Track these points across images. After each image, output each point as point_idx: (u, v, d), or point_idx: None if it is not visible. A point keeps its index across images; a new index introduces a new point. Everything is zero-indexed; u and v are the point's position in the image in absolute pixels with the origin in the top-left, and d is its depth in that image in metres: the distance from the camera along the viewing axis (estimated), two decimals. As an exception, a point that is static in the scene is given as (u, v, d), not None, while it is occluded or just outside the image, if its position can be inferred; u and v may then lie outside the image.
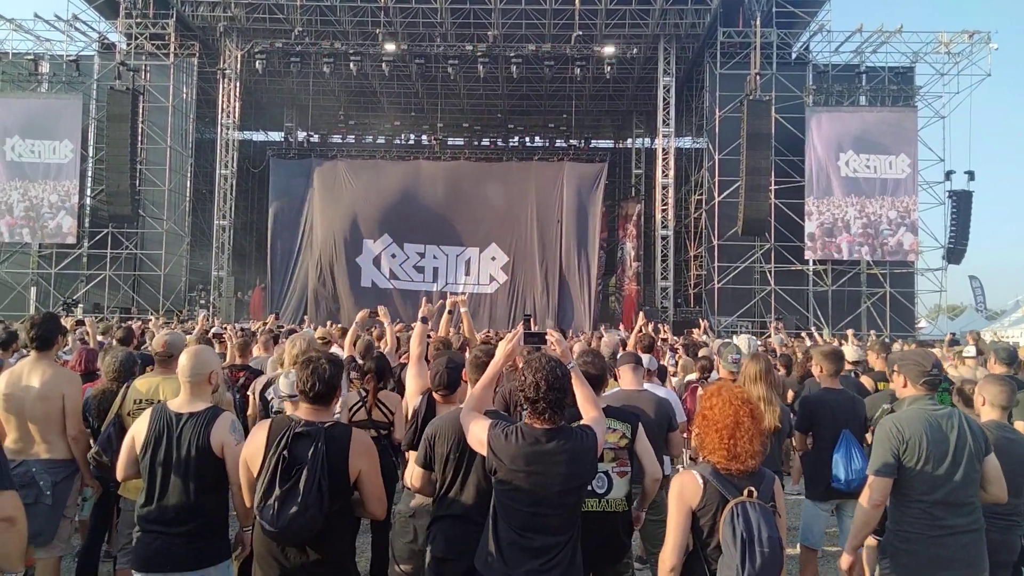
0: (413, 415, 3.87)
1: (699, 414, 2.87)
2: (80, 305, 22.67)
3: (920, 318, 25.02)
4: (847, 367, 6.21)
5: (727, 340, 7.38)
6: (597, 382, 3.62)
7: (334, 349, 6.62)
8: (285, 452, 2.78)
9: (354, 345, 6.19)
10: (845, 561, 3.43)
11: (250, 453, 2.93)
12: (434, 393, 3.80)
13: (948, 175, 23.84)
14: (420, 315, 4.59)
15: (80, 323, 10.04)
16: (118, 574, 4.21)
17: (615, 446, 3.49)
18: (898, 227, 22.61)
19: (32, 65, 23.82)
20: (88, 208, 24.58)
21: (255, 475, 2.87)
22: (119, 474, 3.37)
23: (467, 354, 4.00)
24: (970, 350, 6.11)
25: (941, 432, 3.20)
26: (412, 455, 3.76)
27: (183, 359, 3.38)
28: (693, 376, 6.94)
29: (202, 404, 3.30)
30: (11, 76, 24.14)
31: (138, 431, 3.28)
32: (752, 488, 2.67)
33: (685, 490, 2.75)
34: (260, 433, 2.94)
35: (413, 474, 3.39)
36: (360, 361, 5.05)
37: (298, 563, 2.85)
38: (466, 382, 3.66)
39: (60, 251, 23.78)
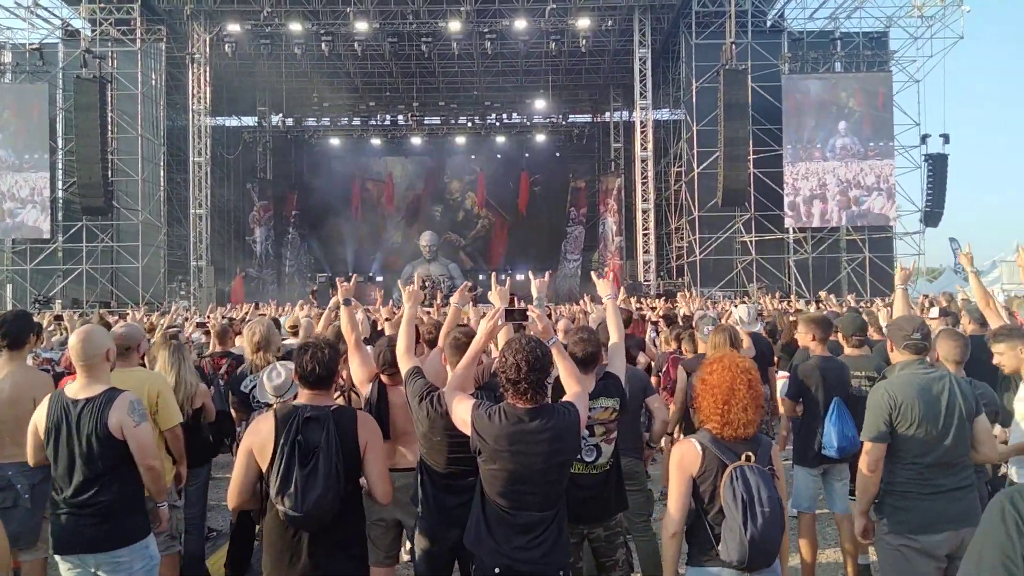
0: (366, 403, 3.82)
1: (699, 378, 2.92)
2: (59, 301, 22.35)
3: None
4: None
5: (704, 312, 7.41)
6: (592, 359, 3.61)
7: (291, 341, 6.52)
8: (299, 438, 2.79)
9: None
10: (859, 526, 3.48)
11: (257, 443, 2.89)
12: (382, 375, 3.76)
13: (923, 139, 24.03)
14: (341, 298, 4.11)
15: (59, 319, 9.86)
16: None
17: (606, 421, 3.54)
18: (875, 192, 22.80)
19: (-7, 55, 23.24)
20: (60, 201, 24.14)
21: (266, 465, 2.86)
22: (30, 461, 3.38)
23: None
24: (933, 311, 6.17)
25: (932, 395, 3.26)
26: None
27: (73, 341, 3.30)
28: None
29: (99, 387, 3.24)
30: (-28, 67, 23.58)
31: (38, 419, 3.27)
32: (750, 453, 2.73)
33: (684, 458, 2.82)
34: (266, 423, 2.93)
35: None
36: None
37: (313, 548, 2.87)
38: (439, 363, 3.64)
39: (34, 247, 23.36)
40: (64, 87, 23.41)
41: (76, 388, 3.24)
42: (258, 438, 2.91)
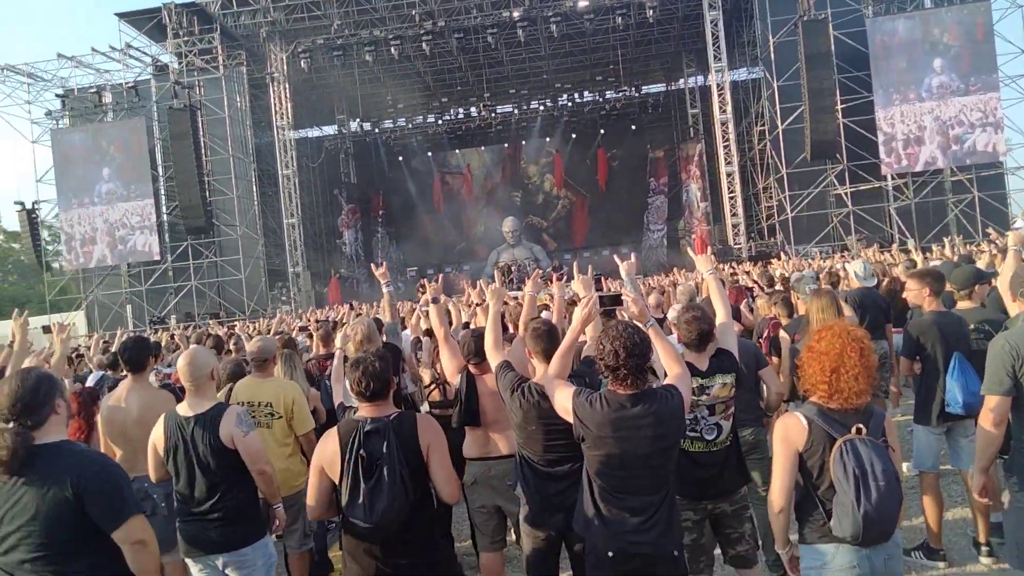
0: (456, 394, 3.94)
1: (806, 346, 2.81)
2: (173, 316, 23.94)
3: (1015, 218, 23.53)
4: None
5: (801, 273, 7.12)
6: (706, 338, 3.53)
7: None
8: (362, 452, 2.86)
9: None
10: (978, 483, 3.30)
11: (327, 460, 2.98)
12: (469, 365, 3.87)
13: (1032, 66, 22.19)
14: (429, 296, 4.45)
15: (173, 337, 10.61)
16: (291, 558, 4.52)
17: (725, 398, 3.50)
18: (979, 128, 21.23)
19: (96, 97, 24.94)
20: (166, 224, 25.77)
21: (336, 479, 2.95)
22: (152, 476, 3.63)
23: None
24: None
25: None
26: (466, 430, 3.90)
27: (181, 363, 3.54)
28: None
29: (207, 403, 3.48)
30: (79, 110, 25.44)
31: (157, 438, 3.51)
32: (860, 425, 2.60)
33: (790, 432, 2.72)
34: (331, 440, 3.00)
35: None
36: (423, 340, 5.10)
37: (392, 554, 2.93)
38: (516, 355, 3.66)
39: (147, 268, 25.06)
40: (159, 119, 24.93)
41: (186, 406, 3.49)
42: (326, 455, 2.98)
